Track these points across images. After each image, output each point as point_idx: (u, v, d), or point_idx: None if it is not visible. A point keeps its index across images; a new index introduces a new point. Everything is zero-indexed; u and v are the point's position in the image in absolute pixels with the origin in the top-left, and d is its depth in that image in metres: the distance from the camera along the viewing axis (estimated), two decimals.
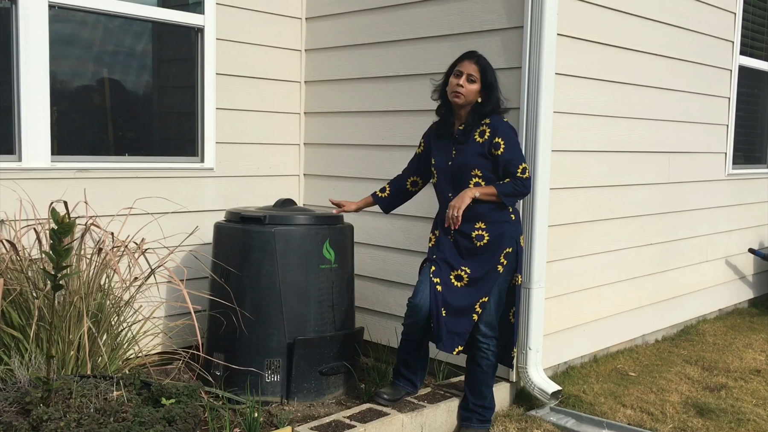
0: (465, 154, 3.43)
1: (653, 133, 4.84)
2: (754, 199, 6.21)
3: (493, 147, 3.39)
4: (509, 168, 3.40)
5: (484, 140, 3.40)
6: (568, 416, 3.78)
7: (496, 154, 3.39)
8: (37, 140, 3.76)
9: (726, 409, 3.89)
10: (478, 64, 3.40)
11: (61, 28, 3.87)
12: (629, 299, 4.83)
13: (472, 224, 3.44)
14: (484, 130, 3.42)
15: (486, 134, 3.41)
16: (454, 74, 3.43)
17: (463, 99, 3.40)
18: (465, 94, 3.39)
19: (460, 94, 3.39)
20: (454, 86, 3.41)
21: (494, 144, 3.38)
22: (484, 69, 3.40)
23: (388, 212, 3.90)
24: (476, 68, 3.39)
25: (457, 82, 3.39)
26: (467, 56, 3.44)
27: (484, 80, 3.40)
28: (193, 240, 4.22)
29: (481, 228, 3.43)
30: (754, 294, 6.43)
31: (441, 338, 3.46)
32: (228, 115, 4.54)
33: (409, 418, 3.44)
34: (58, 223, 2.41)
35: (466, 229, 3.44)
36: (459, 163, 3.45)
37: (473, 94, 3.40)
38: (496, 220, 3.44)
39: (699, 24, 5.15)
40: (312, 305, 3.78)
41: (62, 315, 3.20)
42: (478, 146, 3.41)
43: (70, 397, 2.56)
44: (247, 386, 3.70)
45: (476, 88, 3.40)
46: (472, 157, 3.41)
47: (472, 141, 3.42)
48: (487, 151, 3.40)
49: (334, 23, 4.74)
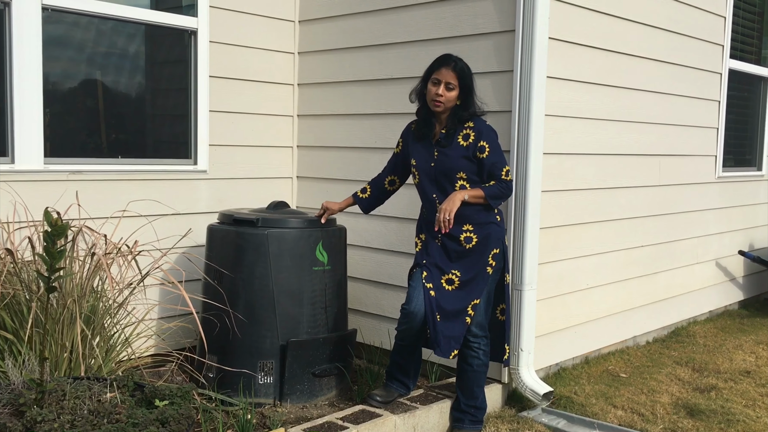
0: (449, 157, 3.44)
1: (644, 136, 4.87)
2: (744, 201, 6.26)
3: (478, 150, 3.41)
4: (494, 171, 3.43)
5: (469, 143, 3.42)
6: (559, 417, 3.80)
7: (481, 158, 3.42)
8: (30, 142, 3.76)
9: (716, 410, 3.92)
10: (455, 70, 3.38)
11: (54, 30, 3.87)
12: (620, 301, 4.86)
13: (460, 227, 3.46)
14: (468, 133, 3.44)
15: (471, 137, 3.43)
16: (432, 82, 3.42)
17: (442, 107, 3.42)
18: (444, 102, 3.40)
19: (440, 103, 3.40)
20: (433, 95, 3.40)
21: (479, 147, 3.41)
22: (462, 74, 3.39)
23: (367, 212, 3.91)
24: (454, 75, 3.38)
25: (436, 91, 3.39)
26: (444, 63, 3.41)
27: (462, 85, 3.41)
28: (186, 242, 4.23)
29: (469, 230, 3.46)
30: (744, 296, 6.48)
31: (439, 344, 3.45)
32: (221, 118, 4.55)
33: (401, 420, 3.45)
34: (52, 226, 2.41)
35: (454, 231, 3.46)
36: (443, 165, 3.46)
37: (452, 100, 3.42)
38: (483, 222, 3.47)
39: (689, 28, 5.19)
40: (305, 307, 3.79)
41: (56, 317, 3.21)
42: (462, 149, 3.43)
43: (64, 399, 2.57)
44: (240, 388, 3.71)
45: (455, 95, 3.41)
46: (457, 160, 3.43)
47: (456, 144, 3.44)
48: (472, 154, 3.42)
49: (327, 26, 4.76)
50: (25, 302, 3.29)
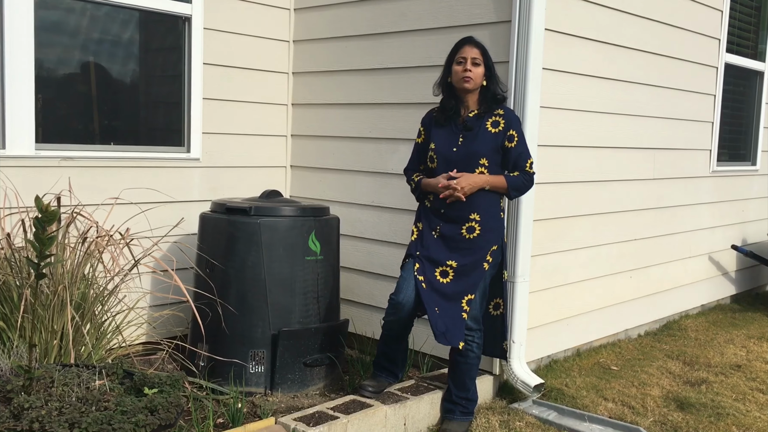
0: (475, 141, 3.40)
1: (639, 129, 4.87)
2: (737, 196, 6.27)
3: (507, 139, 3.41)
4: (519, 161, 3.44)
5: (498, 131, 3.41)
6: (550, 409, 3.81)
7: (509, 147, 3.42)
8: (22, 128, 3.74)
9: (706, 403, 3.93)
10: (478, 47, 3.42)
11: (47, 15, 3.84)
12: (613, 294, 4.86)
13: (466, 213, 3.41)
14: (498, 120, 3.42)
15: (500, 125, 3.41)
16: (456, 62, 3.42)
17: (473, 83, 3.40)
18: (474, 77, 3.39)
19: (470, 78, 3.39)
20: (461, 73, 3.39)
21: (508, 136, 3.41)
22: (484, 51, 3.43)
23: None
24: (478, 51, 3.40)
25: (464, 68, 3.39)
26: (465, 42, 3.44)
27: (487, 62, 3.43)
28: (179, 230, 4.21)
29: (476, 220, 3.41)
30: (736, 290, 6.49)
31: (444, 335, 3.37)
32: (215, 106, 4.52)
33: (392, 410, 3.45)
34: (42, 212, 2.40)
35: (459, 217, 3.41)
36: (467, 150, 3.41)
37: (480, 77, 3.42)
38: (490, 215, 3.44)
39: (686, 21, 5.18)
40: (297, 297, 3.78)
41: (46, 304, 3.19)
42: (490, 136, 3.40)
43: (52, 386, 2.56)
44: (231, 377, 3.70)
45: (482, 71, 3.42)
46: (483, 146, 3.40)
47: (483, 129, 3.41)
48: (501, 143, 3.41)
49: (322, 14, 4.73)
50: (16, 288, 3.27)
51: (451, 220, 3.44)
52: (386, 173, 4.41)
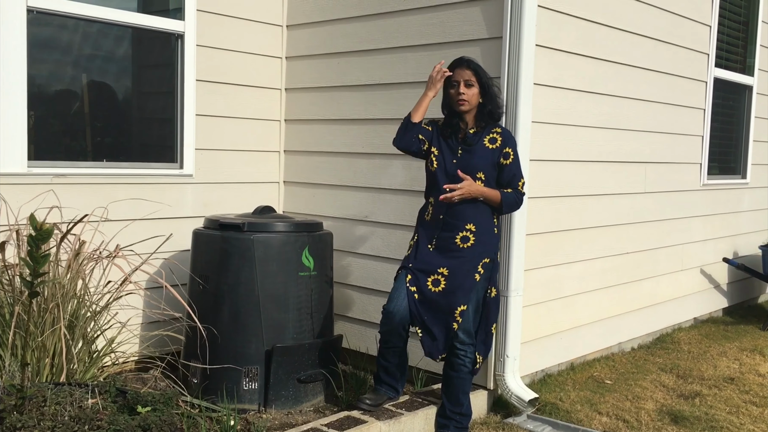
0: (473, 156, 3.50)
1: (630, 144, 4.90)
2: (728, 209, 6.31)
3: (503, 156, 3.52)
4: (513, 180, 3.55)
5: (495, 147, 3.51)
6: (544, 424, 3.81)
7: (504, 164, 3.52)
8: (14, 145, 3.73)
9: (700, 416, 3.94)
10: (470, 67, 3.49)
11: (39, 32, 3.84)
12: (606, 307, 4.87)
13: (462, 223, 3.50)
14: (495, 137, 3.53)
15: (497, 142, 3.52)
16: (451, 86, 3.52)
17: (467, 105, 3.49)
18: (468, 99, 3.47)
19: (464, 101, 3.48)
20: (455, 96, 3.49)
21: (504, 154, 3.52)
22: (477, 71, 3.49)
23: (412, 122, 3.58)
24: (470, 72, 3.48)
25: (458, 91, 3.48)
26: (457, 64, 3.52)
27: (480, 81, 3.49)
28: (172, 247, 4.20)
29: (471, 230, 3.49)
30: (728, 303, 6.52)
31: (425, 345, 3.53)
32: (208, 122, 4.53)
33: (386, 426, 3.44)
34: (37, 230, 2.39)
35: (454, 226, 3.49)
36: (465, 163, 3.50)
37: (475, 97, 3.49)
38: (485, 228, 3.52)
39: (675, 36, 5.23)
40: (291, 313, 3.78)
41: (37, 322, 3.17)
42: (488, 152, 3.50)
43: (45, 405, 2.54)
44: (225, 394, 3.69)
45: (476, 91, 3.49)
46: (481, 161, 3.50)
47: (481, 145, 3.52)
48: (497, 159, 3.51)
49: (315, 31, 4.75)
50: (8, 306, 3.25)
51: (448, 228, 3.51)
52: (379, 188, 4.42)
